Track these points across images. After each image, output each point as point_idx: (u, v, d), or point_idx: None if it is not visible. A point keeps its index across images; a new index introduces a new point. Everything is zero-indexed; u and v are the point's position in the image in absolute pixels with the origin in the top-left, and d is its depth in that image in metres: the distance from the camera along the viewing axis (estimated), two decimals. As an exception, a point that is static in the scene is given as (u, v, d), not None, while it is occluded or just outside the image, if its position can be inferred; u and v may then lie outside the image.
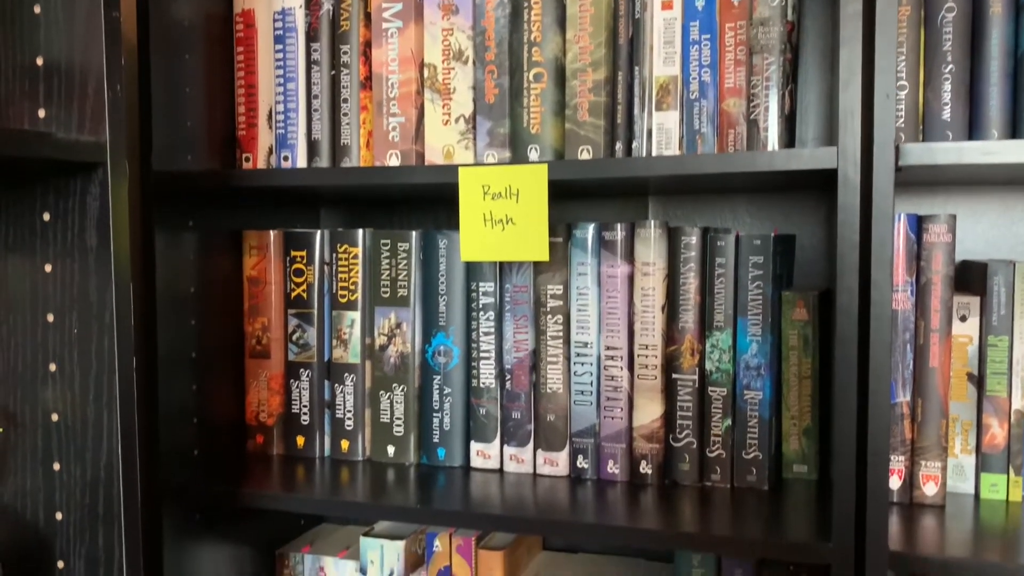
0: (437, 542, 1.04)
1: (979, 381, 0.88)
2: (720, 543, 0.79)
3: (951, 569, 0.73)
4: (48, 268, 0.67)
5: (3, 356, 0.69)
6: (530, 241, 0.85)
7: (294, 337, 1.07)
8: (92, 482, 0.66)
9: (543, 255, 0.86)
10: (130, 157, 0.70)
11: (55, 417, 0.67)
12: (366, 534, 1.08)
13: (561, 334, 0.97)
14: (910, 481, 0.87)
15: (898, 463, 0.86)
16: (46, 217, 0.67)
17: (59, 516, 0.67)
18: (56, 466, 0.67)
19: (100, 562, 0.66)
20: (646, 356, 0.94)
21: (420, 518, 0.88)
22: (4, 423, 0.67)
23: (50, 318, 0.67)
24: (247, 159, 1.04)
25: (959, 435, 0.89)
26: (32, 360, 0.68)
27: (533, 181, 0.83)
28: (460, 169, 0.87)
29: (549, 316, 0.97)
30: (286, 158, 1.02)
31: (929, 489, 0.86)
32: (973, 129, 0.82)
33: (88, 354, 0.66)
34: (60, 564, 0.67)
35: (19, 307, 0.68)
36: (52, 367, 0.67)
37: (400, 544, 1.06)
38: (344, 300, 1.05)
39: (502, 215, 0.85)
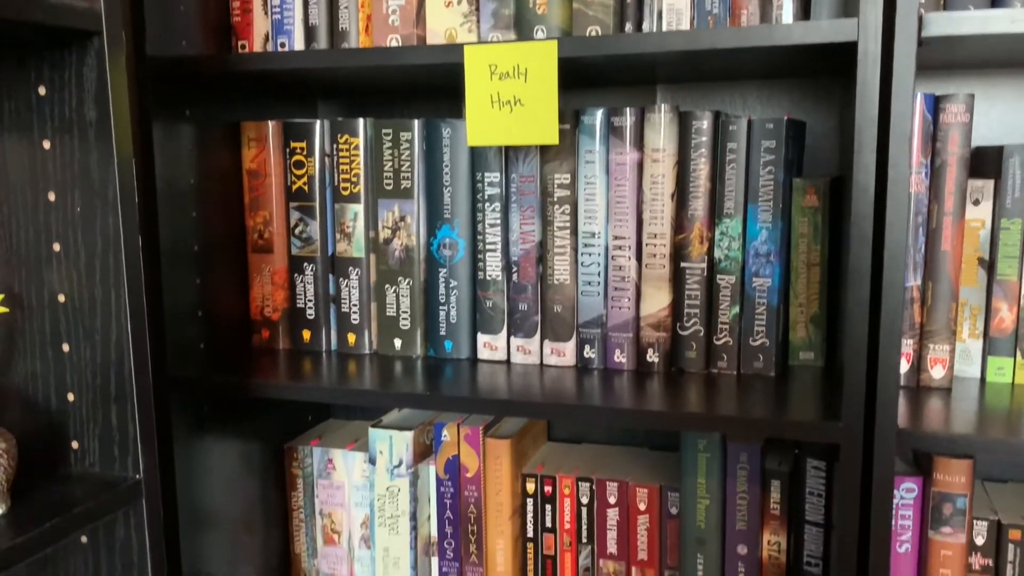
0: (445, 432, 1.05)
1: (989, 265, 0.87)
2: (727, 423, 0.80)
3: (957, 445, 0.74)
4: (47, 145, 0.65)
5: (5, 237, 0.68)
6: (539, 123, 0.83)
7: (296, 231, 1.06)
8: (103, 362, 0.66)
9: (553, 138, 0.84)
10: (124, 39, 0.67)
11: (62, 298, 0.66)
12: (374, 425, 1.09)
13: (568, 224, 0.96)
14: (917, 364, 0.87)
15: (906, 346, 0.86)
16: (42, 91, 0.65)
17: (71, 397, 0.67)
18: (65, 347, 0.66)
19: (114, 441, 0.66)
20: (654, 245, 0.93)
21: (429, 404, 0.89)
22: (10, 305, 0.67)
23: (51, 197, 0.66)
24: (243, 46, 1.01)
25: (967, 320, 0.89)
26: (35, 241, 0.67)
27: (542, 59, 0.80)
28: (466, 48, 0.84)
29: (556, 206, 0.96)
30: (283, 44, 0.99)
31: (936, 372, 0.87)
32: (996, 5, 0.80)
33: (92, 233, 0.65)
34: (75, 444, 0.67)
35: (19, 186, 0.66)
36: (56, 247, 0.66)
37: (409, 435, 1.07)
38: (346, 192, 1.04)
39: (510, 96, 0.83)
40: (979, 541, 0.91)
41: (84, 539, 0.68)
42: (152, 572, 0.67)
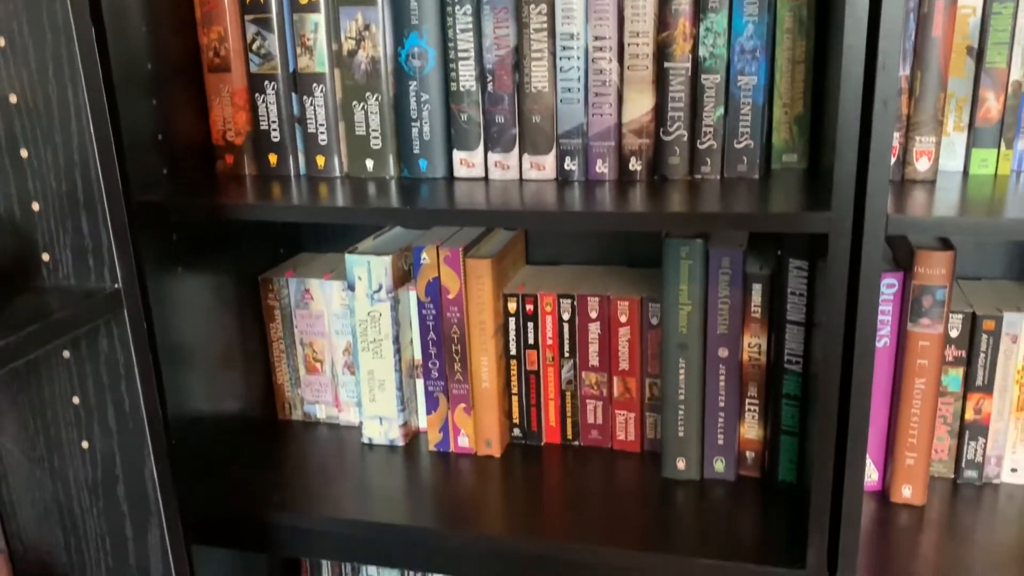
0: (424, 255, 1.03)
1: (978, 54, 0.85)
2: (714, 219, 0.79)
3: (945, 228, 0.74)
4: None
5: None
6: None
7: (254, 47, 1.00)
8: (66, 166, 0.62)
9: (528, -76, 0.78)
10: None
11: (13, 99, 0.61)
12: (350, 252, 1.07)
13: (545, 26, 0.91)
14: (903, 158, 0.86)
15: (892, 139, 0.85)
16: None
17: (36, 207, 0.63)
18: (24, 153, 0.62)
19: (88, 251, 0.63)
20: (637, 45, 0.89)
21: (407, 219, 0.86)
22: (-45, 109, 0.62)
23: (-14, -14, 0.59)
24: None
25: (953, 112, 0.87)
26: (-26, 37, 0.61)
27: None
28: None
29: (532, 7, 0.91)
30: None
31: (921, 164, 0.86)
32: None
33: (40, 24, 0.59)
34: (45, 257, 0.64)
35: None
36: (1, 42, 0.60)
37: (387, 259, 1.05)
38: (305, 1, 0.97)
39: None
40: (954, 334, 0.93)
41: (67, 354, 0.66)
42: (141, 384, 0.65)
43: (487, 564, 0.95)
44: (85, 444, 0.68)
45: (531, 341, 1.07)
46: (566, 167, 0.95)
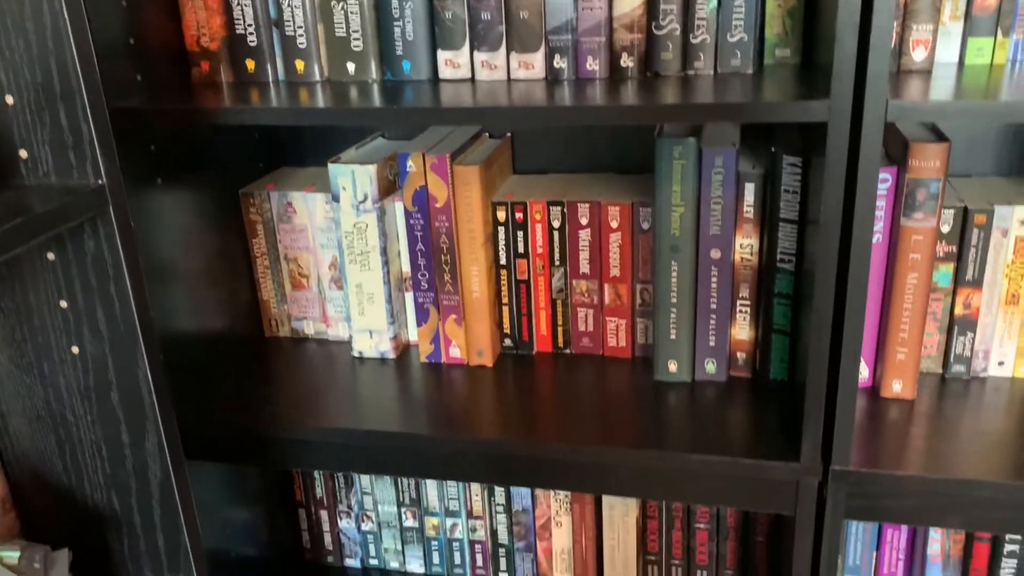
0: (410, 162, 1.01)
1: (977, -62, 0.83)
2: (710, 110, 0.77)
3: (945, 111, 0.73)
4: None
5: None
6: None
7: (227, -56, 0.95)
8: (40, 56, 0.58)
9: None
10: None
11: (-25, -17, 0.58)
12: (333, 161, 1.04)
13: (532, -84, 0.87)
14: (899, 48, 0.85)
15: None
16: None
17: (10, 100, 0.60)
18: (-9, 43, 0.59)
19: (68, 146, 0.60)
20: (626, -66, 0.86)
21: (391, 120, 0.84)
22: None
23: None
24: None
25: (949, 1, 0.85)
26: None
27: None
28: None
29: None
30: None
31: (918, 55, 0.85)
32: None
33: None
34: (23, 154, 0.61)
35: None
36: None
37: (372, 168, 1.03)
38: None
39: None
40: (945, 229, 0.93)
41: (51, 256, 0.64)
42: (131, 284, 0.63)
43: (481, 468, 0.95)
44: (75, 349, 0.67)
45: (521, 250, 1.06)
46: (555, 65, 0.92)
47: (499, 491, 1.20)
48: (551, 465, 0.93)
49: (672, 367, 1.01)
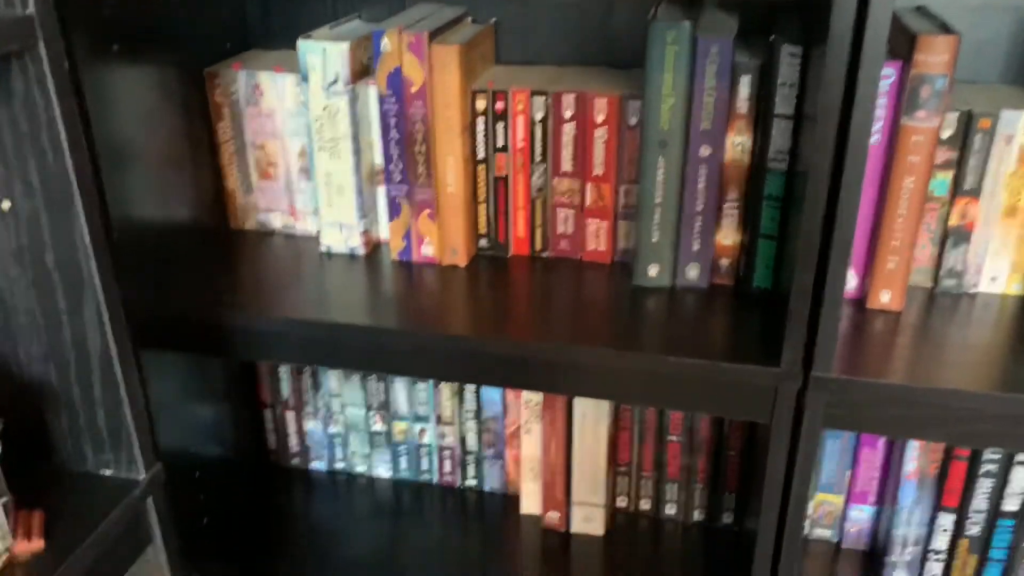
0: (385, 40, 0.94)
1: None
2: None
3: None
4: None
5: None
6: None
7: None
8: None
9: None
10: None
11: None
12: (305, 37, 0.97)
13: None
14: (914, -72, 0.79)
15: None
16: None
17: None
18: None
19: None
20: None
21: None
22: None
23: None
24: None
25: None
26: None
27: None
28: None
29: None
30: None
31: (934, -65, 0.79)
32: None
33: None
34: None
35: None
36: None
37: (344, 46, 0.96)
38: None
39: None
40: (946, 134, 0.89)
41: (-25, 100, 0.58)
42: (66, 133, 0.58)
43: (450, 366, 0.92)
44: (6, 205, 0.61)
45: (500, 144, 1.00)
46: (544, -61, 0.85)
47: (469, 398, 1.17)
48: (522, 364, 0.89)
49: (652, 271, 0.97)
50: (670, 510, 1.17)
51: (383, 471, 1.25)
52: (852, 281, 0.93)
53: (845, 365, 0.82)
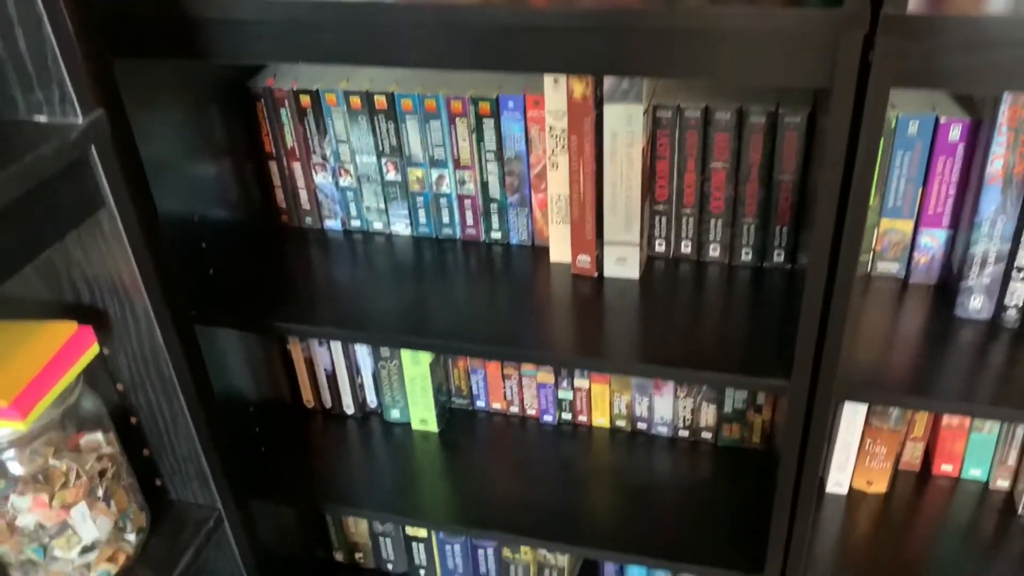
0: None
1: None
2: None
3: None
4: None
5: None
6: None
7: None
8: None
9: None
10: None
11: None
12: None
13: None
14: None
15: None
16: None
17: None
18: None
19: None
20: None
21: None
22: None
23: None
24: None
25: None
26: None
27: None
28: None
29: None
30: None
31: None
32: None
33: None
34: None
35: None
36: None
37: None
38: None
39: None
40: None
41: None
42: None
43: (463, 50, 0.79)
44: None
45: None
46: None
47: (488, 136, 1.05)
48: (547, 38, 0.76)
49: None
50: (714, 251, 1.05)
51: (401, 227, 1.16)
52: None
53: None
